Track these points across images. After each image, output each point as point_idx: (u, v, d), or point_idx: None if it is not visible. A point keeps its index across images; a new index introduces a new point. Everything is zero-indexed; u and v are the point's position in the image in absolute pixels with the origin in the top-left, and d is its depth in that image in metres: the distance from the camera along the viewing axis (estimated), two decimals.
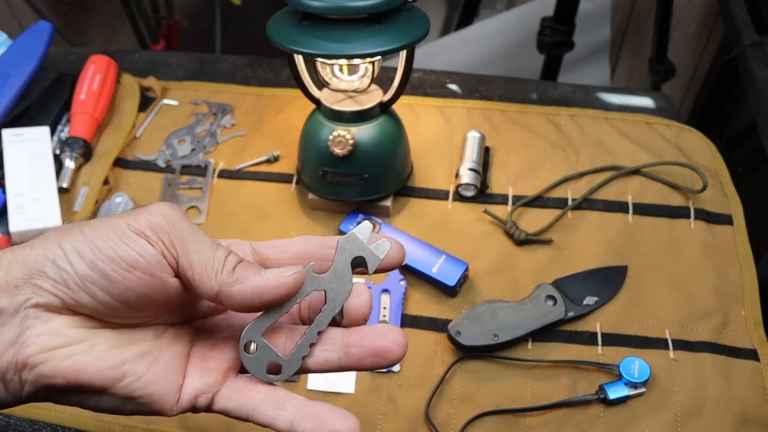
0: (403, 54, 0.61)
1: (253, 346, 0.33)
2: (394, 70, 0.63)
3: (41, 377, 0.29)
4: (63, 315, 0.30)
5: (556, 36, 1.12)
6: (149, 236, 0.30)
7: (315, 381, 0.57)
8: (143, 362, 0.32)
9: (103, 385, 0.30)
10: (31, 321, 0.29)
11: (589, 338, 0.59)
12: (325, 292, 0.33)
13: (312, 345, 0.33)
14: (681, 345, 0.58)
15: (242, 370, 0.34)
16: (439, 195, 0.70)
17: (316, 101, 0.66)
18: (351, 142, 0.62)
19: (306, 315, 0.36)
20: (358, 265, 0.34)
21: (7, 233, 0.64)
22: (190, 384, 0.33)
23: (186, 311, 0.35)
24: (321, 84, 0.64)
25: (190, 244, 0.31)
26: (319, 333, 0.33)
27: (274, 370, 0.33)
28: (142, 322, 0.33)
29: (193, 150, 0.75)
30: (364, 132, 0.63)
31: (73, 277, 0.30)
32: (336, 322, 0.34)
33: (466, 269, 0.62)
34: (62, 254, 0.30)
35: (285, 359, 0.33)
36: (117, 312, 0.31)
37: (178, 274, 0.31)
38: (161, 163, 0.74)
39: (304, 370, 0.34)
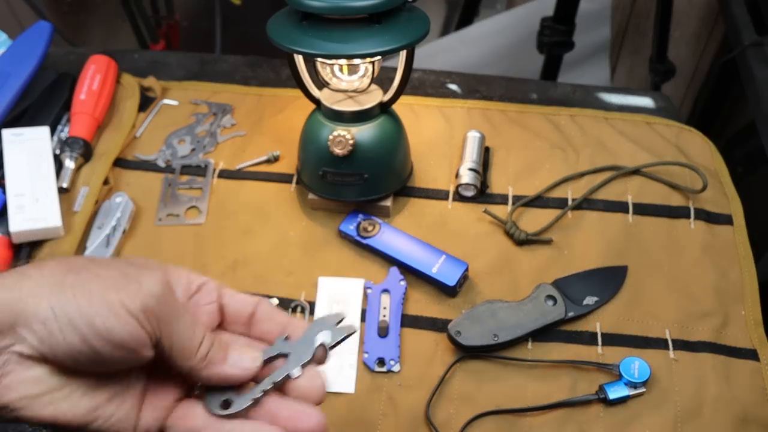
0: (403, 54, 0.61)
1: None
2: (394, 70, 0.63)
3: (20, 417, 0.31)
4: (43, 365, 0.31)
5: (556, 36, 1.12)
6: (141, 320, 0.32)
7: None
8: (113, 404, 0.34)
9: (76, 426, 0.32)
10: (12, 366, 0.30)
11: (589, 338, 0.59)
12: (289, 354, 0.37)
13: (264, 392, 0.36)
14: (681, 345, 0.58)
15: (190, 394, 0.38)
16: (439, 195, 0.70)
17: (316, 101, 0.66)
18: (351, 142, 0.62)
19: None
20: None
21: (7, 233, 0.64)
22: (145, 417, 0.35)
23: None
24: (321, 84, 0.64)
25: (174, 326, 0.33)
26: (274, 383, 0.36)
27: (225, 405, 0.36)
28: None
29: (193, 150, 0.75)
30: (364, 132, 0.63)
31: (61, 345, 0.30)
32: (291, 378, 0.37)
33: (466, 269, 0.62)
34: (53, 318, 0.30)
35: (237, 397, 0.36)
36: (95, 368, 0.33)
37: (156, 349, 0.33)
38: (161, 163, 0.74)
39: (246, 412, 0.36)
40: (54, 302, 0.30)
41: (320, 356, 0.39)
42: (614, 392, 0.54)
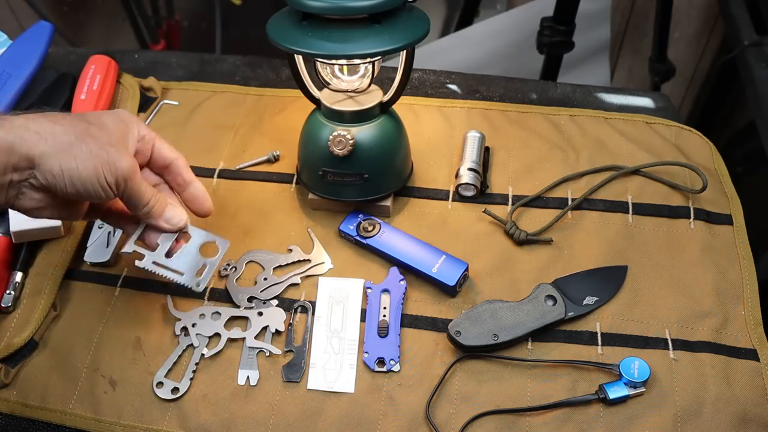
0: (403, 54, 0.61)
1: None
2: (394, 70, 0.63)
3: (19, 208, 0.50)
4: (43, 192, 0.49)
5: (556, 36, 1.12)
6: (113, 188, 0.50)
7: (314, 381, 0.57)
8: (77, 213, 0.54)
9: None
10: (26, 189, 0.48)
11: (589, 338, 0.59)
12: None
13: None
14: (681, 345, 0.58)
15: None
16: (439, 195, 0.70)
17: (316, 101, 0.66)
18: (351, 142, 0.62)
19: None
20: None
21: (8, 233, 0.64)
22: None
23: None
24: (321, 84, 0.64)
25: (132, 190, 0.51)
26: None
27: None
28: None
29: None
30: (364, 132, 0.63)
31: (59, 188, 0.48)
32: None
33: (466, 269, 0.62)
34: (60, 175, 0.47)
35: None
36: (74, 199, 0.51)
37: (119, 198, 0.52)
38: None
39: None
40: (63, 165, 0.47)
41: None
42: (614, 392, 0.54)
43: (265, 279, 0.63)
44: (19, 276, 0.63)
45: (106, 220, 0.58)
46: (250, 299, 0.62)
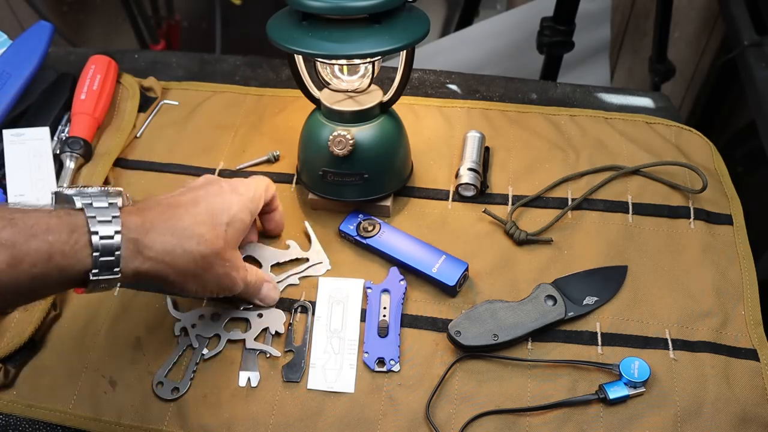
0: (403, 54, 0.61)
1: None
2: (394, 70, 0.63)
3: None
4: None
5: (556, 36, 1.12)
6: (222, 295, 0.56)
7: (314, 381, 0.57)
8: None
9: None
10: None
11: (589, 338, 0.59)
12: None
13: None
14: (681, 345, 0.58)
15: None
16: (439, 195, 0.70)
17: (316, 101, 0.66)
18: (351, 142, 0.62)
19: None
20: None
21: None
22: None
23: None
24: (321, 84, 0.64)
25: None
26: None
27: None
28: None
29: None
30: (364, 132, 0.63)
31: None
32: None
33: (466, 269, 0.62)
34: (179, 292, 0.52)
35: None
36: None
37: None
38: None
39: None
40: (184, 288, 0.51)
41: None
42: (614, 392, 0.54)
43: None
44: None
45: None
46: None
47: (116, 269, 0.45)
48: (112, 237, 0.44)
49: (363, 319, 0.60)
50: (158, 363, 0.58)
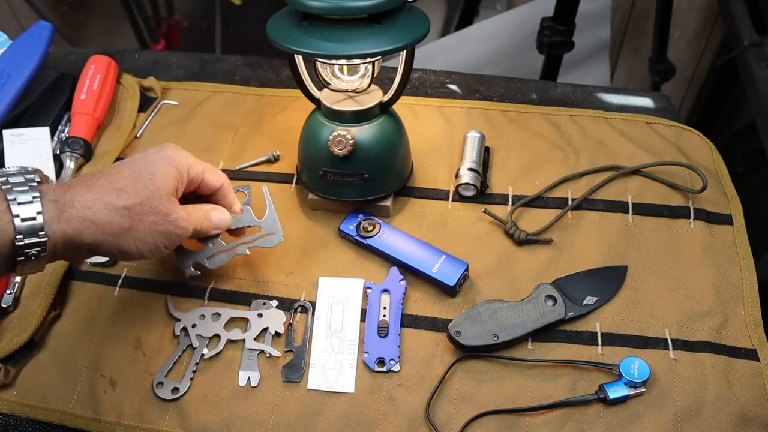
0: (403, 54, 0.61)
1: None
2: (394, 70, 0.63)
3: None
4: None
5: (556, 36, 1.12)
6: (169, 248, 0.54)
7: (314, 381, 0.57)
8: None
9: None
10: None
11: (589, 338, 0.59)
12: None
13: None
14: (681, 345, 0.58)
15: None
16: (439, 195, 0.70)
17: (316, 101, 0.66)
18: (351, 142, 0.62)
19: None
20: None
21: None
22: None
23: None
24: (321, 84, 0.64)
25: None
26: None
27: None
28: None
29: None
30: (364, 132, 0.63)
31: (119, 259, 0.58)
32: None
33: (466, 269, 0.62)
34: (119, 254, 0.51)
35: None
36: None
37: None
38: None
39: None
40: (121, 248, 0.50)
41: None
42: (614, 392, 0.54)
43: (213, 244, 0.60)
44: (19, 276, 0.63)
45: None
46: (198, 266, 0.60)
47: (41, 233, 0.46)
48: (30, 202, 0.46)
49: (363, 319, 0.60)
50: (158, 363, 0.58)
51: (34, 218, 0.45)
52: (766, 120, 0.85)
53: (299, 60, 0.63)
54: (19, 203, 0.45)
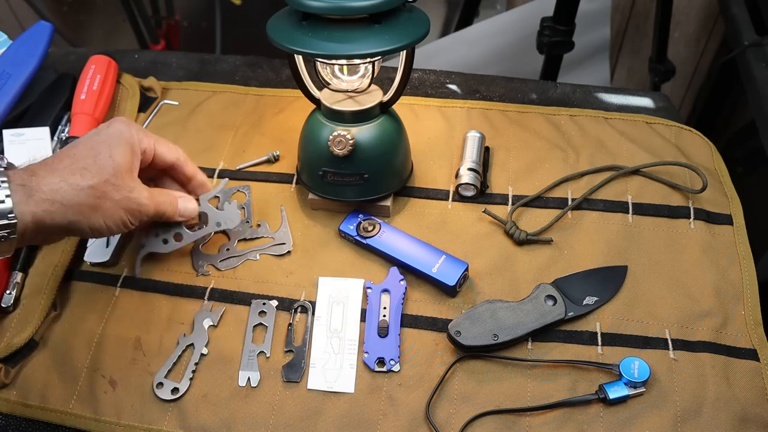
0: (403, 54, 0.61)
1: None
2: (394, 70, 0.63)
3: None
4: None
5: (556, 36, 1.12)
6: (135, 223, 0.56)
7: (314, 381, 0.57)
8: None
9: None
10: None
11: (589, 338, 0.59)
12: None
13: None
14: (681, 345, 0.58)
15: None
16: (439, 195, 0.70)
17: (316, 101, 0.66)
18: (351, 142, 0.62)
19: None
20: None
21: None
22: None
23: None
24: (321, 84, 0.64)
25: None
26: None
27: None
28: None
29: None
30: (364, 132, 0.63)
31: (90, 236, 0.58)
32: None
33: (466, 269, 0.62)
34: (90, 232, 0.53)
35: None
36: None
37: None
38: None
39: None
40: (91, 225, 0.52)
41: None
42: (614, 392, 0.54)
43: (228, 249, 0.66)
44: (19, 276, 0.63)
45: None
46: (210, 268, 0.65)
47: (11, 215, 0.48)
48: None
49: (363, 319, 0.60)
50: (158, 363, 0.58)
51: (2, 201, 0.47)
52: (766, 120, 0.84)
53: (299, 60, 0.63)
54: None
